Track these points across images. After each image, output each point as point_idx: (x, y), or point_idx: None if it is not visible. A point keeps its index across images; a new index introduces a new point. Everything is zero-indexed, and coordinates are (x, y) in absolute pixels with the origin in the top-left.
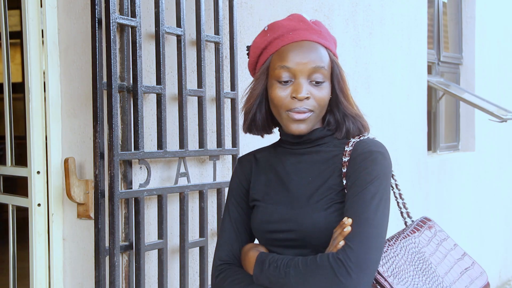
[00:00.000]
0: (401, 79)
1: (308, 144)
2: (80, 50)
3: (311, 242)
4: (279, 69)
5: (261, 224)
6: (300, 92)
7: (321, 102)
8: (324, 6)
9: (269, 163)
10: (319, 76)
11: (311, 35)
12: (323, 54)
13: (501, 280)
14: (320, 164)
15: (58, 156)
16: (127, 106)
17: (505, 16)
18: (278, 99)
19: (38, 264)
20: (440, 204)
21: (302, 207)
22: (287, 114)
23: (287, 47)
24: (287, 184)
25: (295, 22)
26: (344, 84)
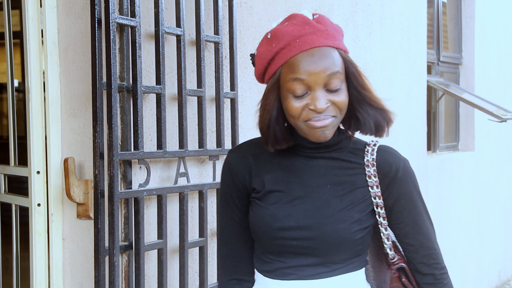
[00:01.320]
0: (400, 79)
1: (323, 149)
2: (80, 50)
3: (330, 253)
4: (291, 82)
5: (272, 230)
6: (319, 104)
7: (342, 106)
8: (324, 6)
9: (275, 160)
10: (335, 82)
11: (319, 39)
12: (335, 57)
13: (501, 280)
14: (338, 170)
15: (58, 156)
16: (127, 106)
17: (505, 16)
18: (294, 111)
19: (38, 264)
20: (439, 204)
21: (324, 215)
22: (306, 124)
23: (297, 58)
24: (303, 187)
25: (299, 26)
26: (362, 79)
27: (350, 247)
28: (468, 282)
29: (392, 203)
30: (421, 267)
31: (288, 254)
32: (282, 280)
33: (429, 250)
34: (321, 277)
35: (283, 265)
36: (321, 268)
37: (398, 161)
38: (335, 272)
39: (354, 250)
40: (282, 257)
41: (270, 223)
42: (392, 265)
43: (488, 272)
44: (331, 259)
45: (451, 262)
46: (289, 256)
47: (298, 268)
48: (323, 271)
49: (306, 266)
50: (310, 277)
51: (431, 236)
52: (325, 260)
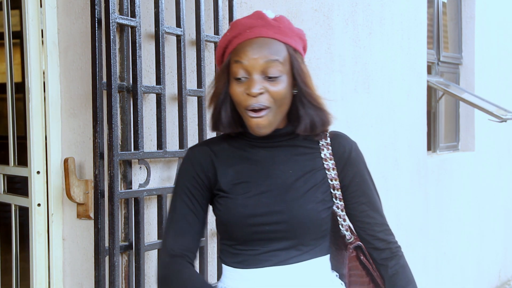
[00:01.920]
0: (400, 79)
1: (280, 138)
2: (80, 50)
3: (301, 233)
4: (234, 66)
5: (243, 218)
6: (253, 88)
7: (277, 97)
8: (324, 6)
9: (235, 155)
10: (273, 71)
11: (267, 31)
12: (277, 48)
13: (501, 280)
14: (297, 157)
15: (58, 156)
16: (127, 106)
17: (505, 16)
18: (235, 96)
19: (38, 264)
20: (439, 204)
21: (294, 198)
22: (246, 113)
23: (242, 44)
24: (268, 176)
25: (253, 19)
26: (306, 77)
27: (318, 226)
28: (468, 282)
29: (348, 182)
30: (378, 243)
31: (261, 241)
32: (256, 268)
33: (383, 226)
34: (292, 261)
35: (256, 252)
36: (293, 251)
37: (350, 143)
38: (305, 255)
39: (321, 230)
40: (255, 245)
41: (241, 212)
42: (349, 245)
43: (488, 272)
44: (302, 241)
45: (451, 262)
46: (262, 243)
47: (271, 253)
48: (294, 254)
49: (279, 251)
50: (283, 262)
51: (382, 213)
52: (296, 242)
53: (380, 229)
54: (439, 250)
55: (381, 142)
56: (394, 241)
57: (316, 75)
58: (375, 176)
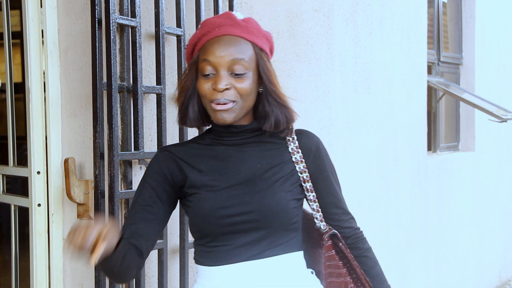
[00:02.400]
0: (401, 79)
1: (246, 134)
2: (80, 50)
3: (271, 222)
4: (202, 63)
5: (213, 211)
6: (219, 83)
7: (242, 92)
8: (324, 6)
9: (204, 153)
10: (239, 68)
11: (234, 30)
12: (244, 47)
13: (501, 280)
14: (265, 152)
15: (58, 156)
16: (127, 106)
17: (505, 16)
18: (202, 90)
19: (38, 264)
20: (440, 204)
21: (262, 189)
22: (210, 105)
23: (210, 42)
24: (236, 170)
25: (222, 19)
26: (271, 75)
27: (287, 215)
28: (468, 282)
29: (317, 175)
30: (346, 231)
31: (232, 234)
32: (229, 264)
33: (349, 215)
34: (265, 256)
35: (229, 247)
36: (264, 244)
37: (316, 138)
38: (277, 249)
39: (291, 220)
40: (227, 239)
41: (211, 204)
42: (324, 234)
43: (488, 272)
44: (272, 231)
45: (451, 262)
46: (234, 236)
47: (244, 247)
48: (266, 248)
49: (251, 244)
50: (255, 256)
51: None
52: (267, 233)
53: (346, 218)
54: (439, 250)
55: (381, 142)
56: (358, 227)
57: (316, 75)
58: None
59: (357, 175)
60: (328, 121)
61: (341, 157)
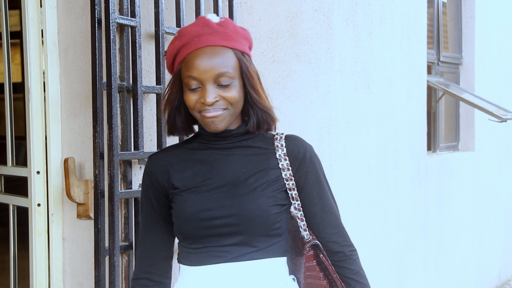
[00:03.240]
0: (400, 79)
1: (234, 139)
2: (80, 50)
3: (251, 227)
4: (187, 78)
5: (195, 213)
6: (207, 98)
7: (232, 101)
8: (324, 6)
9: (190, 158)
10: (224, 80)
11: (214, 39)
12: (226, 57)
13: (501, 280)
14: (252, 156)
15: (58, 156)
16: (127, 106)
17: (505, 16)
18: (189, 103)
19: (38, 264)
20: (440, 204)
21: (243, 193)
22: (200, 114)
23: (192, 55)
24: (221, 174)
25: (199, 27)
26: (253, 80)
27: (267, 221)
28: (468, 282)
29: (303, 183)
30: (331, 246)
31: (213, 237)
32: (209, 265)
33: (337, 228)
34: (245, 259)
35: (209, 249)
36: (245, 248)
37: (305, 145)
38: (258, 253)
39: (271, 226)
40: (208, 241)
41: (192, 207)
42: (306, 244)
43: (488, 272)
44: (252, 236)
45: (451, 262)
46: (214, 239)
47: (224, 248)
48: (247, 251)
49: (232, 246)
50: (235, 259)
51: (337, 215)
52: (247, 238)
53: (335, 231)
54: (439, 250)
55: (381, 142)
56: (348, 244)
57: (316, 75)
58: (375, 176)
59: (357, 175)
60: (328, 121)
61: (341, 157)
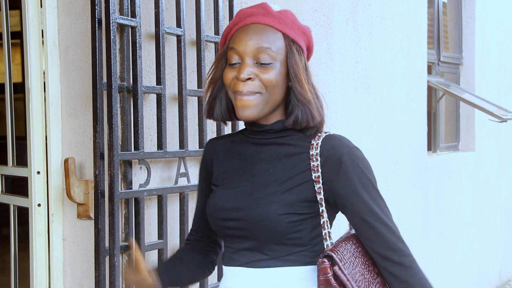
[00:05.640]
0: (401, 79)
1: (269, 135)
2: (80, 50)
3: (256, 234)
4: (229, 51)
5: (215, 211)
6: (242, 72)
7: (268, 83)
8: (324, 6)
9: (232, 149)
10: (264, 57)
11: (265, 19)
12: (272, 36)
13: (501, 280)
14: (283, 157)
15: (58, 156)
16: (127, 106)
17: (505, 16)
18: (225, 80)
19: (38, 264)
20: (440, 204)
21: (256, 197)
22: (235, 96)
23: (239, 30)
24: (250, 172)
25: (256, 8)
26: (298, 68)
27: (276, 230)
28: (468, 282)
29: (337, 189)
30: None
31: (230, 237)
32: (229, 266)
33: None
34: (258, 265)
35: (229, 250)
36: (258, 254)
37: (343, 147)
38: (272, 261)
39: (287, 236)
40: (228, 241)
41: (215, 204)
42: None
43: (488, 272)
44: (263, 243)
45: (451, 262)
46: (232, 240)
47: (239, 252)
48: (260, 258)
49: (245, 251)
50: (248, 264)
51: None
52: (258, 244)
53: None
54: (439, 250)
55: (381, 142)
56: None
57: (316, 75)
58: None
59: None
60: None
61: None
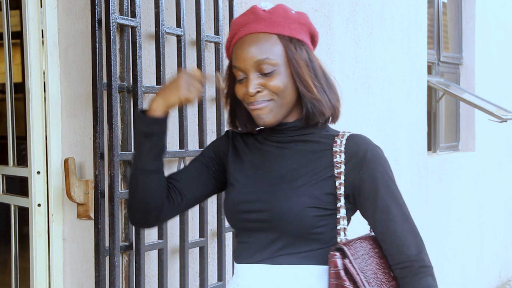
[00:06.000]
0: (401, 79)
1: (292, 132)
2: (80, 50)
3: (280, 226)
4: (233, 70)
5: (235, 204)
6: (249, 88)
7: (276, 90)
8: (324, 6)
9: (252, 145)
10: (266, 67)
11: (256, 26)
12: (267, 43)
13: (501, 280)
14: (306, 154)
15: (58, 156)
16: (127, 106)
17: (505, 16)
18: (238, 96)
19: (38, 264)
20: (440, 204)
21: (282, 189)
22: (250, 108)
23: (236, 46)
24: (271, 168)
25: (246, 16)
26: (299, 67)
27: (301, 223)
28: (468, 282)
29: (358, 186)
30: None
31: (249, 231)
32: (246, 264)
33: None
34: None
35: (247, 246)
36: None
37: (367, 145)
38: (292, 257)
39: (310, 230)
40: (246, 236)
41: (235, 197)
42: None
43: (488, 272)
44: (285, 237)
45: (451, 262)
46: (250, 233)
47: (258, 247)
48: (280, 253)
49: (265, 246)
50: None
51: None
52: (279, 237)
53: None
54: (439, 250)
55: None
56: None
57: None
58: None
59: None
60: None
61: None
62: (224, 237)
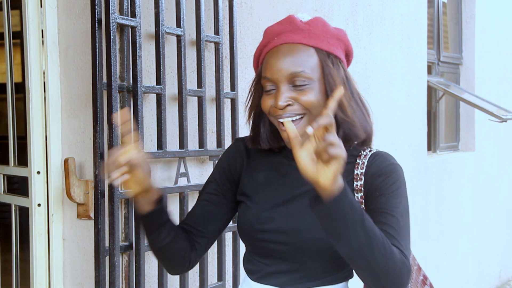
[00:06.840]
0: (401, 79)
1: None
2: (80, 50)
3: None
4: (262, 80)
5: (252, 231)
6: (278, 100)
7: (308, 105)
8: (324, 6)
9: (268, 160)
10: (300, 80)
11: (293, 36)
12: (303, 55)
13: (501, 280)
14: None
15: (58, 156)
16: (127, 106)
17: (505, 16)
18: (264, 107)
19: (38, 264)
20: (440, 204)
21: (304, 223)
22: (276, 121)
23: (268, 55)
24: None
25: (283, 25)
26: (335, 86)
27: (328, 258)
28: (468, 282)
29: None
30: None
31: (267, 256)
32: (261, 284)
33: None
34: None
35: (264, 267)
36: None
37: (387, 163)
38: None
39: (334, 263)
40: (263, 258)
41: (253, 224)
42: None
43: (488, 272)
44: (308, 269)
45: (451, 262)
46: (269, 258)
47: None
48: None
49: (283, 273)
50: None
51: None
52: (301, 267)
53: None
54: (439, 250)
55: (381, 142)
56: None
57: None
58: None
59: None
60: None
61: None
62: (224, 237)
